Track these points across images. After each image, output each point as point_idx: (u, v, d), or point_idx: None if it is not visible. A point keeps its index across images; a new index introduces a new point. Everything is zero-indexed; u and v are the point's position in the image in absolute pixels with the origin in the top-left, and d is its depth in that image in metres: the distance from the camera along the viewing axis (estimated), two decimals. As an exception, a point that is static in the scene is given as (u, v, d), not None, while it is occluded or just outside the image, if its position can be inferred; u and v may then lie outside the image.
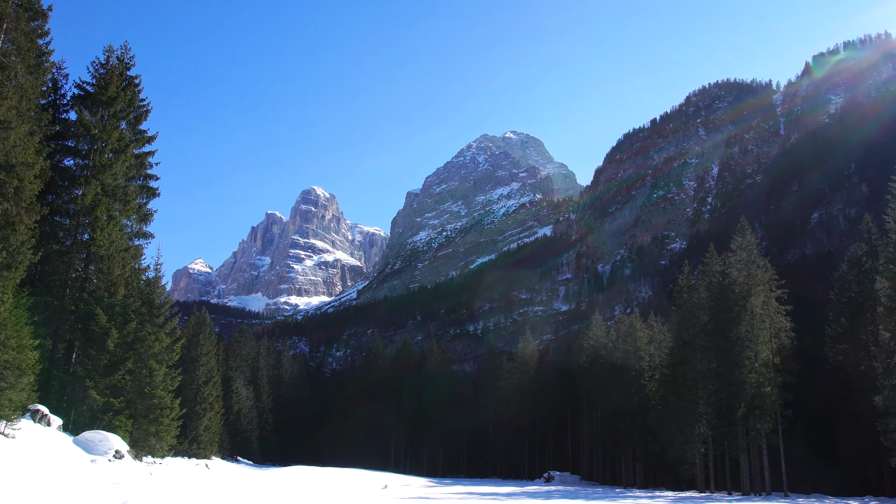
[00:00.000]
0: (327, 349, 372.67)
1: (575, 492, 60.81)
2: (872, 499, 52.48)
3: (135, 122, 51.34)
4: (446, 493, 53.18)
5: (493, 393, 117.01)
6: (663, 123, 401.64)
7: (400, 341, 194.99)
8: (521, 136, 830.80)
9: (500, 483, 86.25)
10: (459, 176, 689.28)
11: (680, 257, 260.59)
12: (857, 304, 62.03)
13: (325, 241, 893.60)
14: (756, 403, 57.81)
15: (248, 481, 50.26)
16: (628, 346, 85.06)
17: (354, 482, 60.48)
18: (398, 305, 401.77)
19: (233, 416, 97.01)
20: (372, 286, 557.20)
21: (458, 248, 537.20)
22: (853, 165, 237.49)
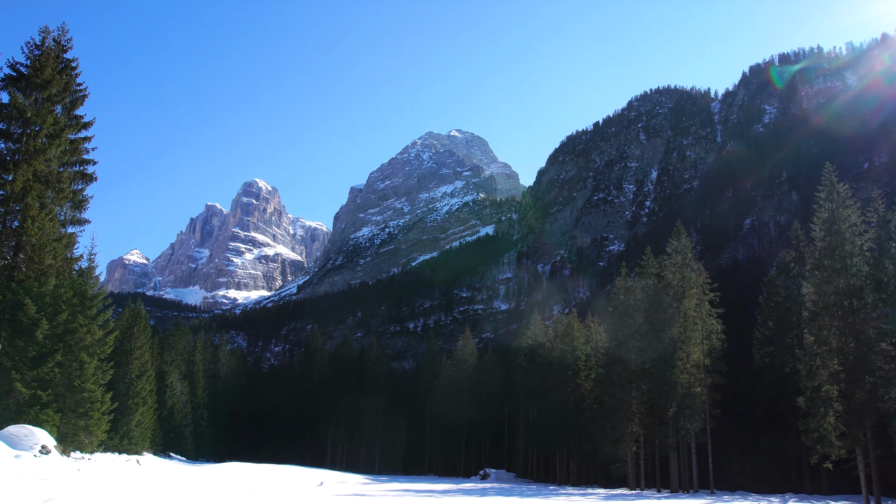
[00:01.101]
0: (266, 344, 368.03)
1: (510, 489, 61.49)
2: (793, 496, 54.56)
3: (71, 107, 49.72)
4: (382, 490, 53.18)
5: (431, 390, 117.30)
6: (605, 127, 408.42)
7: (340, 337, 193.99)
8: (466, 135, 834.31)
9: (437, 480, 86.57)
10: (404, 173, 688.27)
11: (618, 259, 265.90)
12: (784, 308, 64.29)
13: (266, 234, 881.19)
14: (686, 403, 59.42)
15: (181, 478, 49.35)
16: (565, 346, 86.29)
17: (290, 479, 59.91)
18: (339, 301, 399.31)
19: (166, 411, 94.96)
20: (313, 281, 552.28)
21: (401, 245, 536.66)
22: (785, 174, 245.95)
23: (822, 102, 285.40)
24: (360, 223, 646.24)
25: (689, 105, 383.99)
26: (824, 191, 49.78)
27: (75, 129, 49.97)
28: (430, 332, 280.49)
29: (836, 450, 44.71)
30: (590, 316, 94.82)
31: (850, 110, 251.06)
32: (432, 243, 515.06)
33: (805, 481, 60.65)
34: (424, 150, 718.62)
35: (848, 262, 47.26)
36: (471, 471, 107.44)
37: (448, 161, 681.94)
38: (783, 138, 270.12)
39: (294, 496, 37.72)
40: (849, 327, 46.49)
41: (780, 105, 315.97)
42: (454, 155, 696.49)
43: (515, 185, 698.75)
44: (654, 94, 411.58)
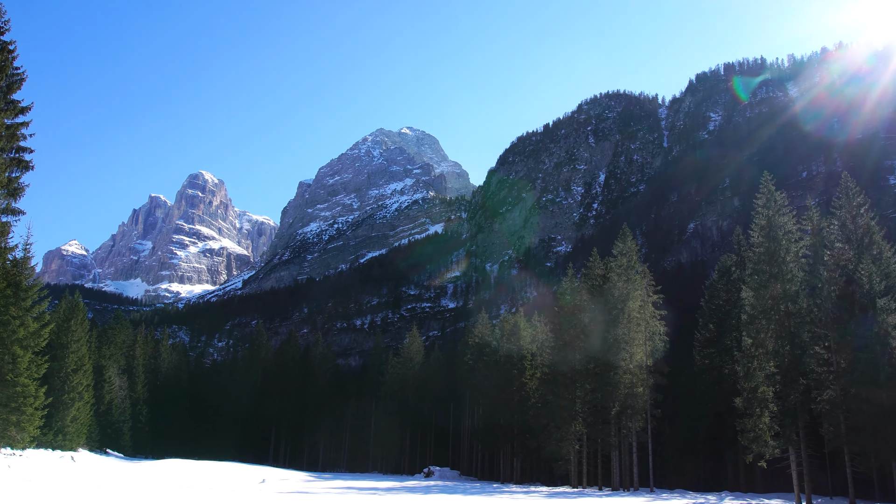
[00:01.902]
0: (209, 339, 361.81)
1: (453, 487, 61.72)
2: (729, 494, 56.01)
3: (7, 91, 47.95)
4: (325, 487, 52.83)
5: (377, 388, 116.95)
6: (556, 129, 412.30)
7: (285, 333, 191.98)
8: (418, 133, 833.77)
9: (381, 478, 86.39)
10: (353, 169, 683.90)
11: (565, 259, 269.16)
12: (724, 311, 65.93)
13: (211, 227, 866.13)
14: (629, 403, 60.48)
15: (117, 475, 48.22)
16: (512, 345, 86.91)
17: (231, 476, 59.08)
18: (285, 297, 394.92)
19: (104, 406, 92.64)
20: (259, 276, 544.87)
21: (349, 241, 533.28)
22: (727, 180, 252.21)
23: (764, 112, 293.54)
24: (308, 218, 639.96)
25: (637, 110, 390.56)
26: (762, 198, 51.19)
27: (11, 114, 48.21)
28: (377, 330, 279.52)
29: (771, 449, 46.02)
30: (536, 315, 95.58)
31: (790, 121, 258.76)
32: (381, 240, 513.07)
33: (741, 480, 62.33)
34: (375, 147, 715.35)
35: (784, 268, 48.69)
36: (415, 468, 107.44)
37: (398, 158, 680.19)
38: (727, 145, 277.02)
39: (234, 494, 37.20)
40: (784, 331, 47.91)
41: (725, 113, 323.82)
42: (405, 152, 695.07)
43: (465, 185, 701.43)
44: (604, 98, 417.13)
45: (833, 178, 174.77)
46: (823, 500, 50.32)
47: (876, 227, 53.29)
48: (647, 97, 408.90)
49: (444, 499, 41.20)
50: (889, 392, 44.57)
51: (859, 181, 59.75)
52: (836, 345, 47.42)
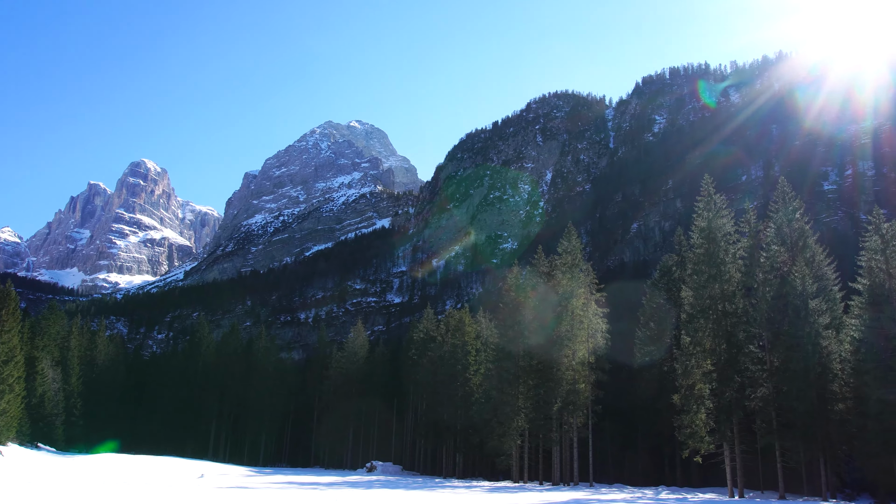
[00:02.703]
0: (148, 331, 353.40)
1: (395, 481, 61.78)
2: (665, 488, 57.32)
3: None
4: (266, 482, 52.29)
5: (320, 382, 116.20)
6: (504, 127, 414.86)
7: (228, 326, 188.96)
8: (366, 127, 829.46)
9: (323, 473, 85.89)
10: (301, 161, 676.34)
11: (511, 257, 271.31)
12: (665, 310, 67.35)
13: (153, 217, 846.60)
14: (571, 399, 61.35)
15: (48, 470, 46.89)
16: (456, 341, 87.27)
17: (169, 471, 58.00)
18: (228, 289, 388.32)
19: (36, 399, 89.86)
20: (201, 268, 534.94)
21: (295, 233, 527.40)
22: (670, 182, 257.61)
23: (706, 116, 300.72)
24: (253, 210, 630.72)
25: (584, 110, 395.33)
26: (703, 201, 52.50)
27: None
28: (321, 324, 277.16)
29: (706, 444, 47.31)
30: (481, 312, 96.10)
31: (732, 126, 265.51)
32: (327, 234, 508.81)
33: (677, 474, 63.91)
34: (323, 139, 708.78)
35: (722, 269, 50.05)
36: (357, 463, 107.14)
37: (347, 151, 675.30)
38: (670, 148, 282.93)
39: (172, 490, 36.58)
40: (721, 330, 49.25)
41: (670, 116, 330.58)
42: (353, 146, 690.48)
43: (413, 179, 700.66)
44: (553, 97, 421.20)
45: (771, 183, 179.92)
46: (755, 493, 51.94)
47: (810, 231, 55.19)
48: (594, 98, 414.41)
49: (386, 494, 41.20)
50: (818, 390, 46.26)
51: (795, 186, 61.82)
52: (770, 344, 48.96)
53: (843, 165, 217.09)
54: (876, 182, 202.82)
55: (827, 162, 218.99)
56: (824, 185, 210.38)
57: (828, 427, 45.92)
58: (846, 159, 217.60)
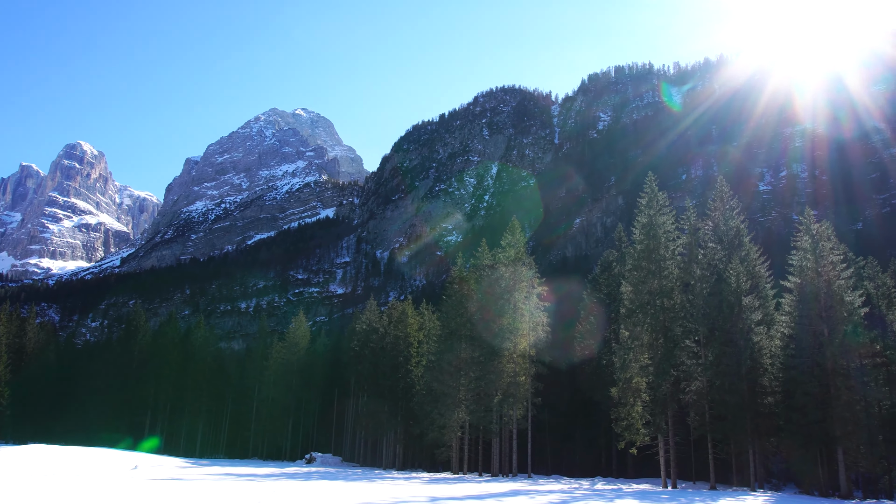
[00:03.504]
0: (82, 318, 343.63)
1: (335, 473, 61.44)
2: (601, 479, 58.46)
3: None
4: (202, 474, 51.43)
5: (260, 373, 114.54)
6: (451, 120, 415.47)
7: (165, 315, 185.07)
8: (312, 115, 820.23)
9: (261, 464, 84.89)
10: (244, 148, 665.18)
11: (455, 249, 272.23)
12: (604, 304, 68.56)
13: (88, 201, 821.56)
14: (511, 391, 61.91)
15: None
16: (399, 332, 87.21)
17: (101, 462, 56.51)
18: (166, 277, 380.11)
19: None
20: (138, 254, 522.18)
21: (237, 221, 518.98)
22: (613, 179, 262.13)
23: (650, 115, 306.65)
24: (194, 196, 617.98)
25: (531, 106, 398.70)
26: (646, 198, 53.50)
27: None
28: (262, 313, 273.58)
29: (642, 437, 48.38)
30: (425, 304, 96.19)
31: (673, 125, 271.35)
32: (270, 222, 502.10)
33: (613, 466, 65.22)
34: (268, 127, 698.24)
35: (662, 265, 51.17)
36: (297, 455, 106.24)
37: (292, 140, 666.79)
38: (614, 146, 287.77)
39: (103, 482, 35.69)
40: (659, 325, 50.36)
41: (614, 114, 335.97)
42: (298, 134, 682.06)
43: (359, 170, 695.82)
44: (500, 92, 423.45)
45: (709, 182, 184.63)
46: (687, 484, 53.34)
47: (745, 229, 56.81)
48: (541, 94, 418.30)
49: (324, 485, 40.94)
50: (749, 384, 47.72)
51: (733, 186, 63.50)
52: (706, 339, 50.28)
53: (778, 167, 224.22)
54: (808, 184, 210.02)
55: (763, 163, 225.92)
56: (760, 186, 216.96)
57: (757, 420, 47.41)
58: (781, 161, 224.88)
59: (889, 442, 48.72)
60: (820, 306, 45.51)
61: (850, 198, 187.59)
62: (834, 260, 46.63)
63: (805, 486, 51.05)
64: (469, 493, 36.48)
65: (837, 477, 43.81)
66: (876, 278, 58.19)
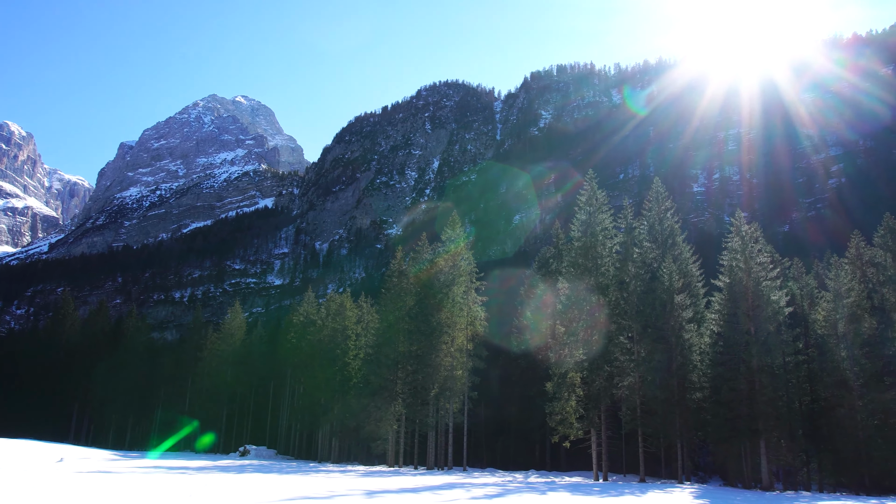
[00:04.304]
0: (6, 306, 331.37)
1: (269, 466, 60.82)
2: (535, 472, 59.37)
3: None
4: (131, 466, 50.27)
5: (194, 364, 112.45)
6: (394, 112, 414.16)
7: (95, 303, 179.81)
8: (253, 103, 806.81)
9: (193, 457, 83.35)
10: (182, 134, 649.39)
11: (395, 243, 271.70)
12: (541, 300, 69.43)
13: (15, 184, 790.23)
14: (448, 385, 62.28)
15: None
16: (337, 325, 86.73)
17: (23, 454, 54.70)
18: (97, 264, 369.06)
19: None
20: (68, 240, 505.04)
21: (172, 209, 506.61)
22: (553, 176, 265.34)
23: (590, 115, 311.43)
24: (128, 182, 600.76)
25: (474, 101, 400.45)
26: (585, 195, 54.39)
27: None
28: (197, 303, 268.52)
29: (575, 431, 49.26)
30: (363, 297, 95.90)
31: (613, 125, 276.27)
32: (207, 211, 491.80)
33: (547, 459, 66.26)
34: (206, 113, 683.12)
35: (599, 262, 52.16)
36: (230, 447, 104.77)
37: (231, 127, 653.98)
38: (554, 143, 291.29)
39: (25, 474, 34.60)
40: (594, 321, 51.28)
41: (555, 112, 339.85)
42: (238, 121, 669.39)
43: (300, 160, 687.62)
44: (443, 86, 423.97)
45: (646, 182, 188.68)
46: (618, 477, 54.60)
47: (679, 229, 58.35)
48: (484, 89, 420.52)
49: (258, 478, 40.52)
50: (679, 379, 49.10)
51: (668, 187, 65.09)
52: (639, 336, 51.46)
53: (712, 170, 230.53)
54: (740, 186, 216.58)
55: (698, 165, 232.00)
56: (694, 187, 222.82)
57: (686, 415, 48.83)
58: (715, 164, 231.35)
59: (808, 436, 50.86)
60: (747, 305, 47.07)
61: (780, 201, 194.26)
62: (762, 261, 48.29)
63: (730, 479, 52.84)
64: (404, 487, 36.59)
65: (760, 469, 45.44)
66: (800, 279, 60.50)
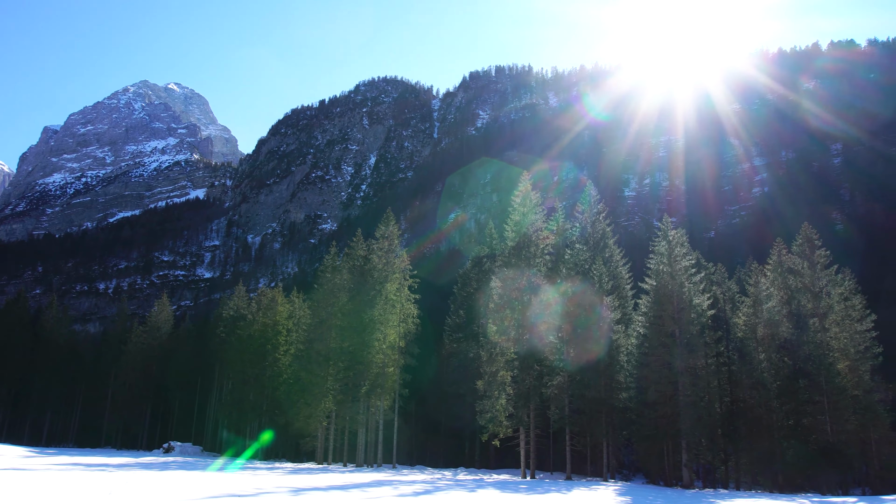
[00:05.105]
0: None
1: (194, 463, 59.62)
2: (464, 469, 59.83)
3: None
4: (47, 463, 48.56)
5: (118, 357, 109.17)
6: (331, 106, 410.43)
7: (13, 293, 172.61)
8: (186, 91, 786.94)
9: (114, 453, 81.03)
10: (110, 120, 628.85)
11: (330, 238, 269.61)
12: (474, 298, 70.04)
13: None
14: (379, 382, 62.23)
15: None
16: (268, 320, 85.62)
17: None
18: (16, 252, 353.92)
19: None
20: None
21: (99, 197, 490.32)
22: (489, 175, 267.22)
23: (527, 116, 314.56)
24: (52, 168, 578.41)
25: (412, 98, 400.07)
26: (519, 196, 55.08)
27: None
28: (122, 295, 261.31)
29: (505, 429, 49.87)
30: (295, 292, 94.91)
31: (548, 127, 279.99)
32: (135, 200, 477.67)
33: (476, 457, 66.83)
34: (137, 99, 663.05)
35: (531, 262, 52.90)
36: (155, 444, 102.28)
37: (163, 115, 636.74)
38: (491, 144, 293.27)
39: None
40: (526, 321, 51.99)
41: (493, 112, 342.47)
42: (170, 109, 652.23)
43: (234, 151, 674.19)
44: (382, 82, 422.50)
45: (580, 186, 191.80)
46: (545, 474, 55.50)
47: (610, 233, 59.66)
48: (423, 87, 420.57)
49: (182, 475, 39.69)
50: (606, 379, 50.23)
51: (600, 191, 66.44)
52: (569, 336, 52.38)
53: (643, 175, 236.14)
54: (669, 192, 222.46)
55: (630, 170, 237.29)
56: (625, 192, 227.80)
57: (612, 414, 50.00)
58: (646, 170, 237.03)
59: (727, 436, 52.71)
60: (672, 308, 48.46)
61: (707, 208, 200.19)
62: (686, 265, 49.78)
63: (652, 477, 54.35)
64: (333, 484, 36.41)
65: (681, 468, 46.87)
66: (723, 284, 62.58)
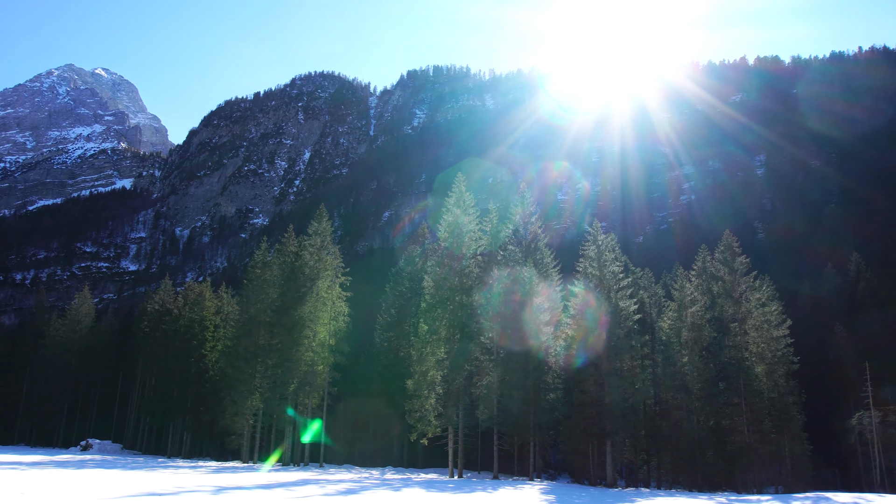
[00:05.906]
0: None
1: (113, 461, 57.87)
2: (392, 468, 59.82)
3: None
4: (-46, 461, 46.43)
5: (34, 351, 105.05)
6: (266, 99, 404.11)
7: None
8: (114, 77, 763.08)
9: (28, 451, 77.98)
10: (32, 104, 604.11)
11: (261, 233, 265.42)
12: (406, 297, 70.07)
13: None
14: (308, 380, 61.66)
15: None
16: (195, 314, 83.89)
17: None
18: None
19: None
20: None
21: (17, 184, 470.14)
22: (424, 175, 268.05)
23: (463, 117, 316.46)
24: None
25: (349, 95, 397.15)
26: (453, 197, 55.35)
27: None
28: (41, 286, 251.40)
29: (433, 428, 50.05)
30: (224, 287, 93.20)
31: (485, 129, 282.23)
32: (57, 188, 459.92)
33: (404, 456, 66.85)
34: (62, 83, 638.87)
35: (464, 263, 53.29)
36: (73, 442, 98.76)
37: (89, 101, 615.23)
38: (427, 143, 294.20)
39: None
40: (457, 321, 52.32)
41: (429, 113, 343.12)
42: (97, 95, 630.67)
43: (164, 141, 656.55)
44: (318, 77, 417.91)
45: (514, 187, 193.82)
46: (473, 473, 55.94)
47: (542, 234, 60.36)
48: (360, 84, 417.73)
49: (99, 474, 38.51)
50: (535, 380, 50.90)
51: (534, 193, 67.31)
52: (499, 336, 52.89)
53: (575, 179, 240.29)
54: (600, 197, 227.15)
55: (563, 174, 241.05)
56: (559, 196, 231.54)
57: (540, 414, 50.69)
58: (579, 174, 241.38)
59: (650, 436, 54.15)
60: (600, 311, 49.47)
61: (636, 213, 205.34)
62: (615, 270, 50.90)
63: (577, 476, 55.35)
64: (258, 483, 35.89)
65: (606, 467, 47.90)
66: (650, 288, 64.25)
